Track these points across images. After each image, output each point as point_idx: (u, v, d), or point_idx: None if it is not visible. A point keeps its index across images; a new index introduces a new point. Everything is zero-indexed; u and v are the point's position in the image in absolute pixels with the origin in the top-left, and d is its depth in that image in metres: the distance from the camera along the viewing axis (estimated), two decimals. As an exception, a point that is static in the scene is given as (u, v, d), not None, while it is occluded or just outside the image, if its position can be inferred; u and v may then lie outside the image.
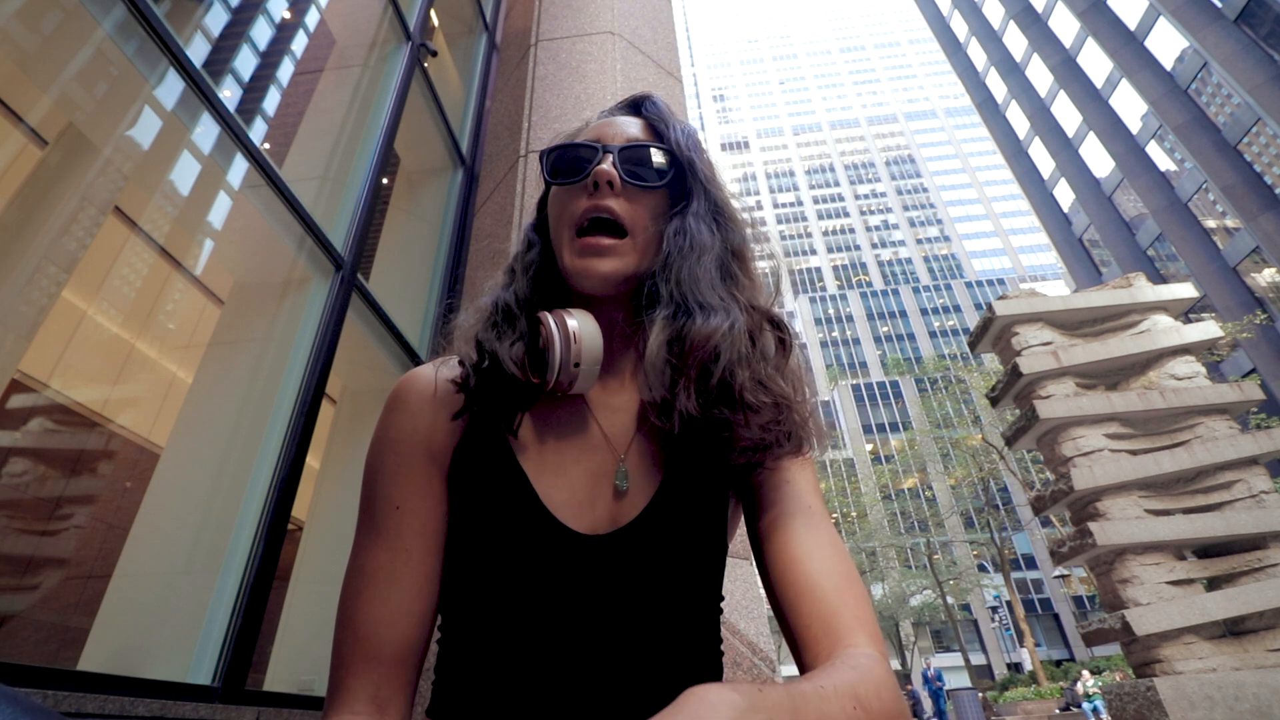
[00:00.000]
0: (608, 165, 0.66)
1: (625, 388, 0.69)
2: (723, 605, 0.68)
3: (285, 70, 3.34)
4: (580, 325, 0.61)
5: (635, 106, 0.76)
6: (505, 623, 0.58)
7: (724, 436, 0.62)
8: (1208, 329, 7.20)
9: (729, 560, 0.67)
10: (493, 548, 0.60)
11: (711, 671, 0.64)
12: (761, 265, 0.73)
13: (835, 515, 38.95)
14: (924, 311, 58.63)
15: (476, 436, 0.64)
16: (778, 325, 0.68)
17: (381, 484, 0.63)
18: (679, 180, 0.70)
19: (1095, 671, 17.52)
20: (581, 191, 0.66)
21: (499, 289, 0.72)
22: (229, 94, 2.69)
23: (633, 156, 0.67)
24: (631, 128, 0.71)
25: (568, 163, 0.68)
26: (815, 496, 0.68)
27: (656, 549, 0.61)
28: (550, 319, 0.62)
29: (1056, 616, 40.35)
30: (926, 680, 18.74)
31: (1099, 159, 25.72)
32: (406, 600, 0.60)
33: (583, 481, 0.63)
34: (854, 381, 51.33)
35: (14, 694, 0.31)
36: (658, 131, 0.71)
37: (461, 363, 0.67)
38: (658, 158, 0.68)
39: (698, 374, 0.61)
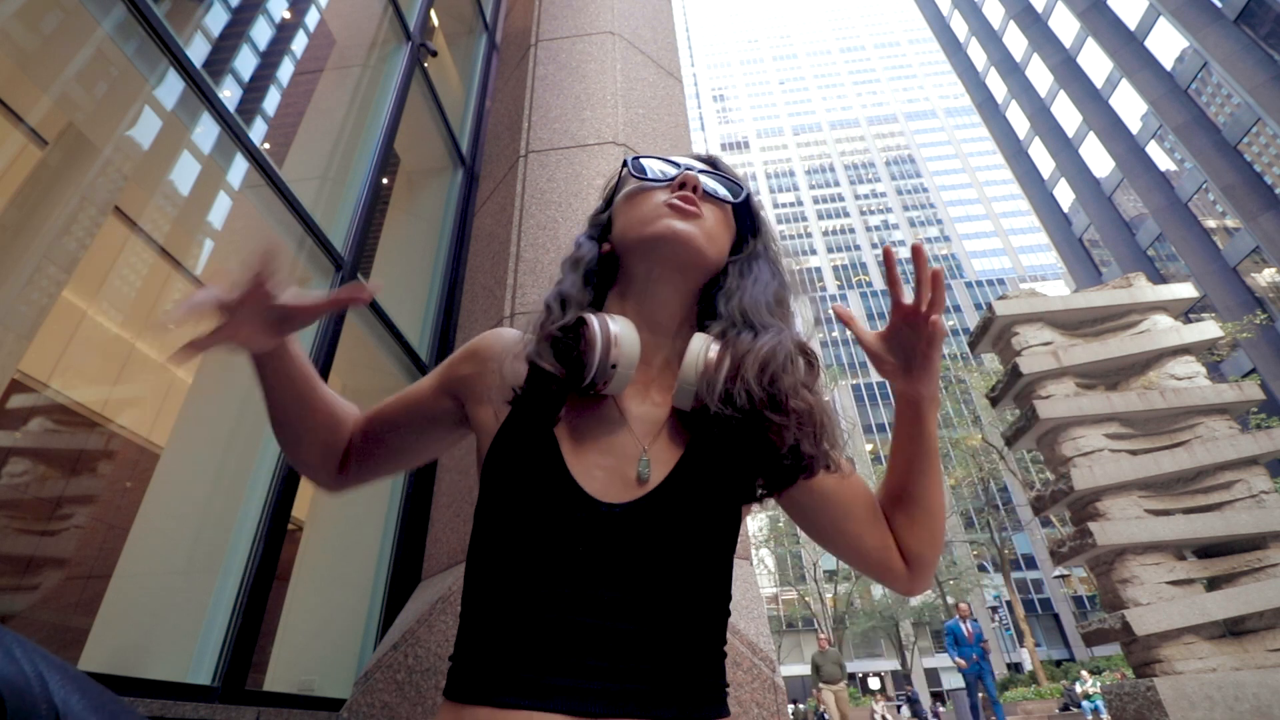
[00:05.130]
0: (694, 172, 0.77)
1: (656, 390, 0.74)
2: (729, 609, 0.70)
3: (285, 70, 3.34)
4: (621, 330, 0.67)
5: (709, 162, 0.88)
6: (521, 586, 0.61)
7: (769, 440, 0.67)
8: (1208, 329, 7.18)
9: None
10: (514, 510, 0.64)
11: (714, 667, 0.65)
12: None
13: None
14: (924, 311, 58.50)
15: (520, 418, 0.70)
16: (807, 353, 0.76)
17: (431, 372, 0.84)
18: (743, 218, 0.83)
19: (1095, 671, 17.51)
20: (664, 191, 0.76)
21: (563, 285, 0.80)
22: (229, 94, 2.69)
23: (714, 177, 0.80)
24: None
25: (653, 168, 0.79)
26: None
27: (667, 523, 0.64)
28: (594, 320, 0.68)
29: (1056, 616, 40.36)
30: (961, 640, 9.54)
31: (1099, 159, 25.71)
32: (377, 431, 0.84)
33: (604, 462, 0.67)
34: (854, 381, 51.35)
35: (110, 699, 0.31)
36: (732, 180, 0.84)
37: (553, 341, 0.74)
38: (733, 188, 0.81)
39: (752, 375, 0.68)
